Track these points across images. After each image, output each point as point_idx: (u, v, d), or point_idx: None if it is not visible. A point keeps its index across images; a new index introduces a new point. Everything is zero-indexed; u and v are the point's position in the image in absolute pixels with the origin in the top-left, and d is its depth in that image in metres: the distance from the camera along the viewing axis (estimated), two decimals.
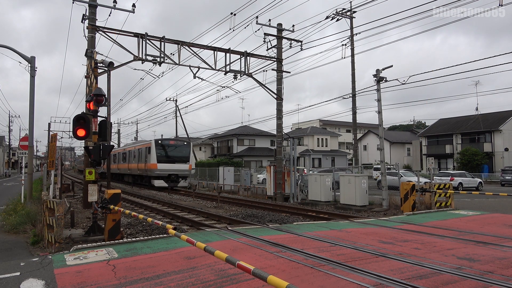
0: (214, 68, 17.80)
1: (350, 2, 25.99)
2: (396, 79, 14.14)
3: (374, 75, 14.84)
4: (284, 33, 19.69)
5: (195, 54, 17.43)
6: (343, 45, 23.77)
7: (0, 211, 13.03)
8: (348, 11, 25.55)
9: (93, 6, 15.34)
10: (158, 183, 25.98)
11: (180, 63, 16.99)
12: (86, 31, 15.21)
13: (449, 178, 24.84)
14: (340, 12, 24.87)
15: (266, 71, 19.75)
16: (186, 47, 17.20)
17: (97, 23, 15.42)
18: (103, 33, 15.46)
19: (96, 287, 4.71)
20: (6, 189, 28.87)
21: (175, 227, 5.13)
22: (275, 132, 20.31)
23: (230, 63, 18.29)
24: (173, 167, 26.39)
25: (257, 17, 18.22)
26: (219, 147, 54.29)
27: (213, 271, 5.28)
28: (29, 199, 13.79)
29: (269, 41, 19.23)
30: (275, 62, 19.60)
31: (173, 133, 40.66)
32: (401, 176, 18.88)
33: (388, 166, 29.78)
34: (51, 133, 35.64)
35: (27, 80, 14.56)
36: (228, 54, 18.20)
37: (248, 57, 18.68)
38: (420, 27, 78.14)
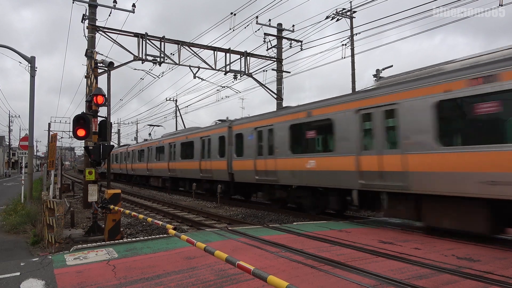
0: (214, 68, 17.81)
1: (350, 2, 25.97)
2: None
3: (374, 75, 14.86)
4: (284, 33, 19.70)
5: (195, 54, 17.44)
6: (343, 45, 23.76)
7: (0, 211, 13.04)
8: (348, 11, 25.53)
9: (93, 6, 15.35)
10: None
11: (180, 63, 17.01)
12: (86, 31, 15.22)
13: None
14: (340, 12, 24.84)
15: (266, 71, 19.78)
16: (186, 47, 17.21)
17: (97, 23, 15.44)
18: (103, 33, 15.48)
19: (96, 287, 4.71)
20: (6, 189, 28.88)
21: (175, 227, 5.14)
22: None
23: (230, 63, 18.31)
24: None
25: (257, 17, 18.24)
26: None
27: (213, 271, 5.28)
28: (29, 199, 13.80)
29: (269, 41, 19.25)
30: (275, 62, 19.60)
31: None
32: None
33: None
34: (51, 133, 35.52)
35: (27, 80, 14.58)
36: (228, 54, 18.22)
37: (248, 57, 18.69)
38: (419, 27, 78.24)
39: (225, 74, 18.52)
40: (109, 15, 16.37)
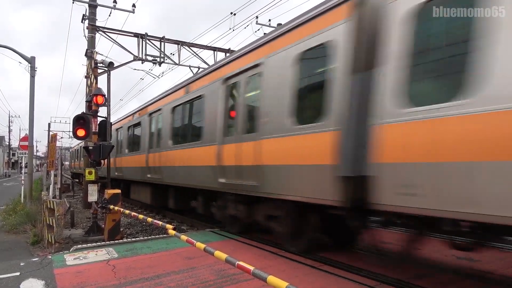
0: None
1: None
2: None
3: None
4: None
5: (195, 54, 17.44)
6: None
7: (0, 211, 13.05)
8: None
9: (93, 6, 15.34)
10: None
11: (180, 63, 16.99)
12: (86, 31, 15.21)
13: None
14: None
15: None
16: (186, 47, 17.20)
17: (97, 23, 15.42)
18: (103, 33, 15.46)
19: (96, 287, 4.71)
20: (6, 189, 28.90)
21: (175, 227, 5.14)
22: None
23: None
24: None
25: (257, 17, 18.21)
26: None
27: (213, 271, 5.28)
28: (29, 199, 13.81)
29: None
30: None
31: None
32: None
33: None
34: (51, 133, 35.42)
35: (27, 80, 14.58)
36: (228, 54, 18.20)
37: None
38: None
39: None
40: (109, 15, 16.42)
